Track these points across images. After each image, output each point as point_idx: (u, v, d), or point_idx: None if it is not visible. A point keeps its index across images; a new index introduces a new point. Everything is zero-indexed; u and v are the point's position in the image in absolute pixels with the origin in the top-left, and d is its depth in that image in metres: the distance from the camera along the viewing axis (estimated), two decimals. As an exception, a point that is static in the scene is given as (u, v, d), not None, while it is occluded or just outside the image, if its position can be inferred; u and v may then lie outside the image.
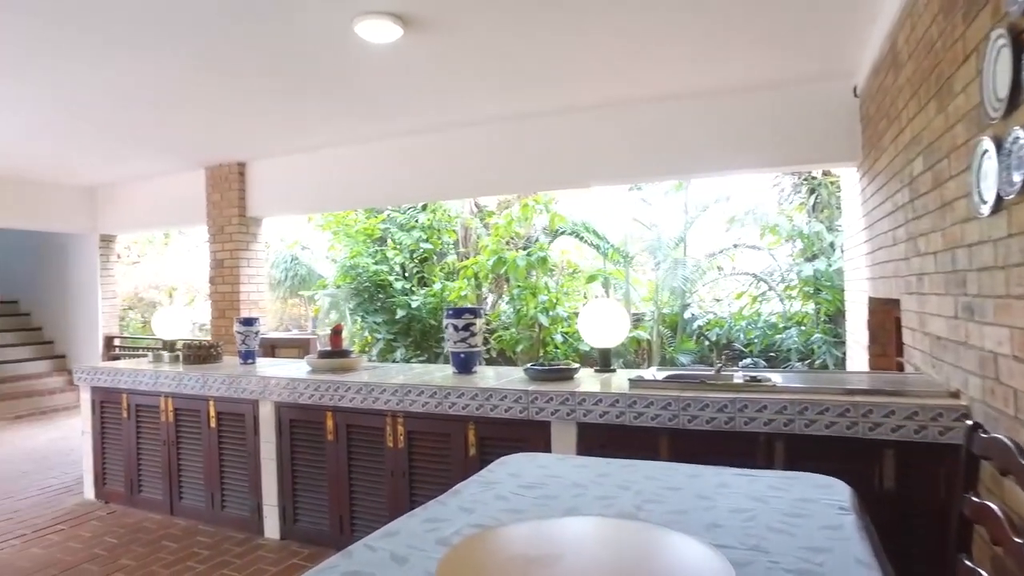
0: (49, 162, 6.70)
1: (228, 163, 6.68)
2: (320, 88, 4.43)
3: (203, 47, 3.70)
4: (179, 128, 5.46)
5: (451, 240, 8.54)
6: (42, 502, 4.72)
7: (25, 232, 8.10)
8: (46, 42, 3.57)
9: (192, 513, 4.18)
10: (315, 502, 3.68)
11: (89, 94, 4.54)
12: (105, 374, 4.51)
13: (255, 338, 4.44)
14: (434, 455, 3.31)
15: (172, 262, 13.20)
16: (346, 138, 5.84)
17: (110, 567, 3.57)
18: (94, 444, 4.65)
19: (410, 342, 7.93)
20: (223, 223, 6.73)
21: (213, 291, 6.88)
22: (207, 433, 4.05)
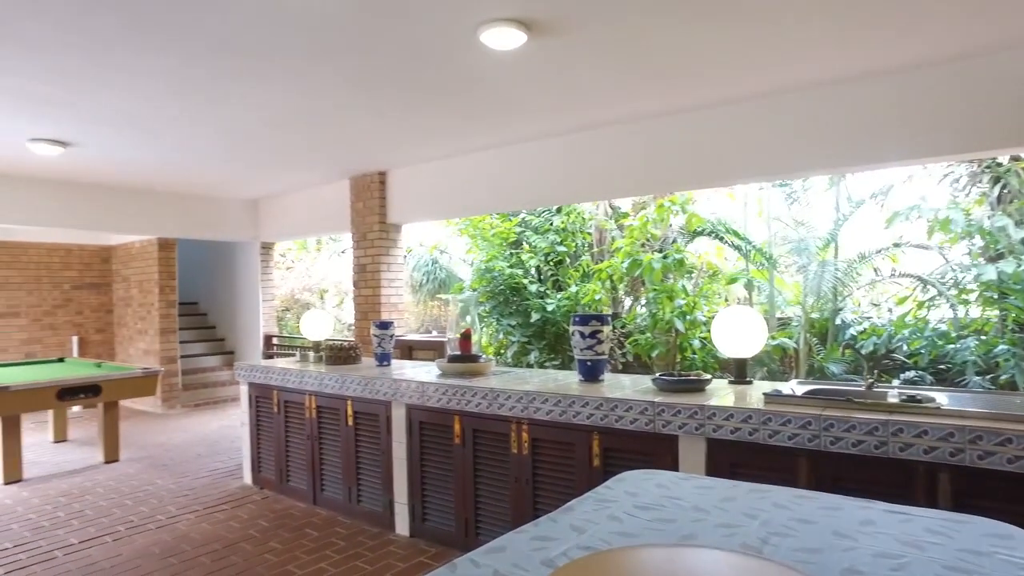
0: (219, 180, 7.44)
1: (370, 173, 7.04)
2: (451, 98, 4.52)
3: (346, 68, 3.91)
4: (326, 143, 5.83)
5: (585, 243, 8.45)
6: (211, 483, 5.21)
7: (202, 241, 9.04)
8: (216, 77, 3.94)
9: (332, 504, 4.43)
10: (442, 503, 3.76)
11: (251, 119, 5.00)
12: (260, 372, 4.90)
13: (390, 341, 4.62)
14: (558, 464, 3.25)
15: (323, 266, 14.20)
16: (478, 145, 5.94)
17: (261, 548, 3.86)
18: (251, 435, 5.06)
19: (544, 345, 7.94)
20: (365, 230, 7.11)
21: (356, 294, 7.27)
22: (345, 430, 4.27)
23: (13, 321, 8.63)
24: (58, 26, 3.33)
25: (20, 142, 5.52)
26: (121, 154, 6.06)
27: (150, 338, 8.68)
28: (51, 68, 3.93)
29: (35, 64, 3.87)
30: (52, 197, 7.18)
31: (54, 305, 9.00)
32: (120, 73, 4.02)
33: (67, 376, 5.81)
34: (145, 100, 4.55)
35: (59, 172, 6.76)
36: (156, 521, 4.37)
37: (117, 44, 3.57)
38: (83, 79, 4.12)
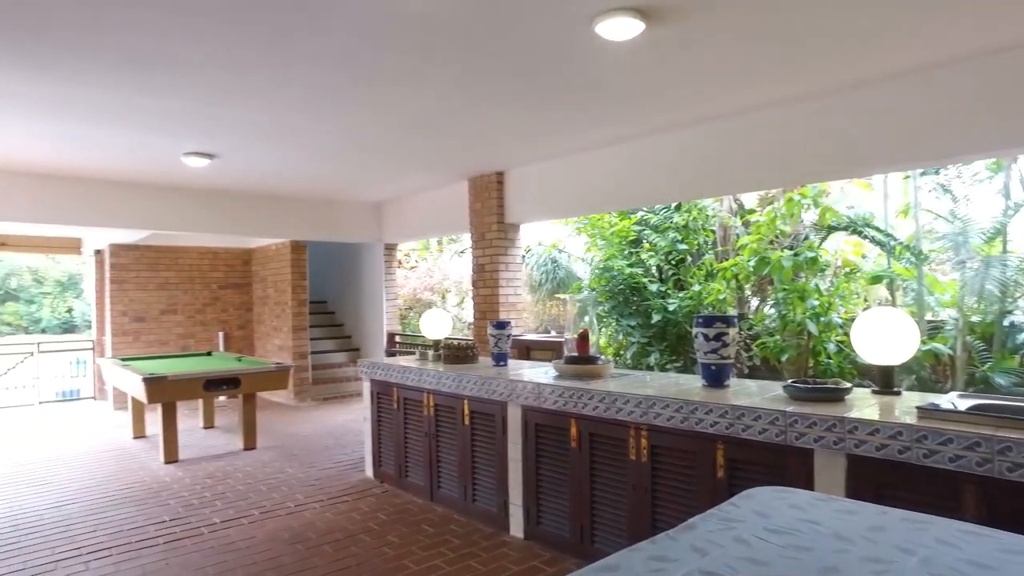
0: (346, 184, 7.80)
1: (487, 173, 7.10)
2: (567, 94, 4.43)
3: (463, 70, 3.93)
4: (446, 145, 5.92)
5: (708, 240, 8.08)
6: (336, 474, 5.44)
7: (330, 243, 9.53)
8: (341, 86, 4.10)
9: (448, 502, 4.47)
10: (557, 507, 3.67)
11: (375, 125, 5.17)
12: (381, 369, 5.04)
13: (507, 341, 4.59)
14: (679, 473, 3.07)
15: (445, 266, 14.56)
16: (596, 141, 5.81)
17: (379, 541, 3.95)
18: (372, 430, 5.23)
19: (665, 347, 7.67)
20: (483, 230, 7.17)
21: (475, 294, 7.36)
22: (462, 429, 4.29)
23: (172, 317, 9.52)
24: (205, 48, 3.57)
25: (176, 156, 6.03)
26: (258, 163, 6.48)
27: (284, 335, 9.27)
28: (199, 87, 4.24)
29: (186, 85, 4.19)
30: (201, 205, 7.82)
31: (204, 303, 9.84)
32: (257, 88, 4.28)
33: (212, 369, 6.30)
34: (279, 112, 4.81)
35: (206, 182, 7.34)
36: (286, 508, 4.60)
37: (254, 61, 3.78)
38: (226, 95, 4.42)
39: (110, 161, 6.28)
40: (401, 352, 9.04)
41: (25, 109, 4.67)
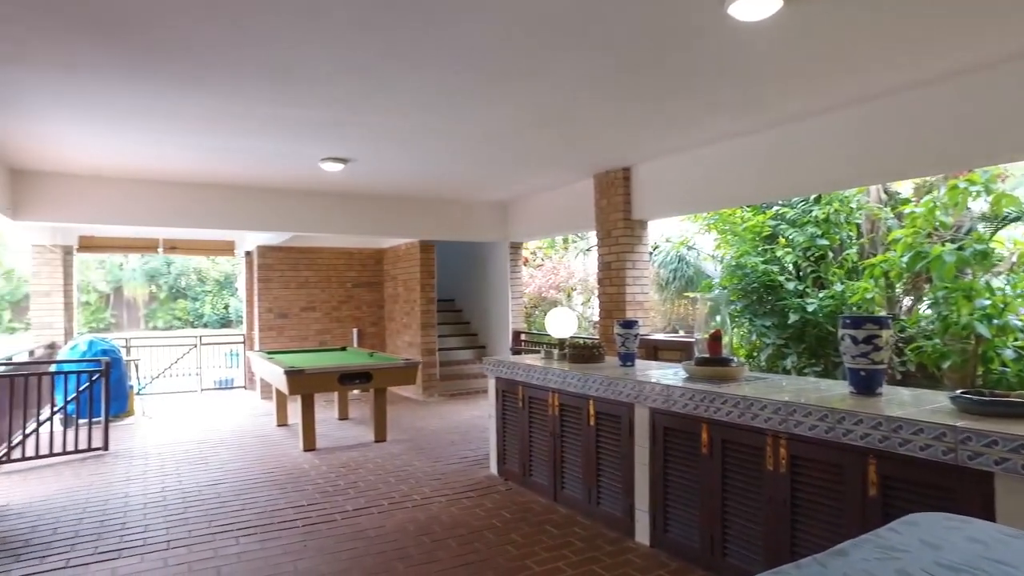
0: (472, 184, 7.93)
1: (614, 169, 6.94)
2: (697, 82, 4.21)
3: (588, 63, 3.84)
4: (571, 141, 5.85)
5: (852, 235, 7.43)
6: (460, 470, 5.53)
7: (458, 242, 9.75)
8: (467, 86, 4.14)
9: (571, 503, 4.39)
10: (686, 515, 3.49)
11: (501, 124, 5.20)
12: (506, 367, 5.05)
13: (634, 340, 4.44)
14: (823, 488, 2.80)
15: (570, 264, 14.49)
16: (726, 132, 5.50)
17: (502, 539, 3.94)
18: (497, 427, 5.25)
19: (803, 349, 7.15)
20: (610, 227, 7.02)
21: (601, 292, 7.22)
22: (586, 430, 4.20)
23: (311, 314, 10.15)
24: (339, 57, 3.72)
25: (314, 162, 6.40)
26: (389, 166, 6.73)
27: (413, 332, 9.59)
28: (335, 95, 4.45)
29: (323, 93, 4.41)
30: (337, 208, 8.27)
31: (339, 301, 10.40)
32: (389, 93, 4.42)
33: (346, 363, 6.62)
34: (410, 115, 4.95)
35: (342, 186, 7.73)
36: (413, 500, 4.72)
37: (385, 66, 3.90)
38: (359, 101, 4.60)
39: (256, 169, 6.77)
40: (526, 350, 9.08)
41: (181, 125, 5.12)
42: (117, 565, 3.65)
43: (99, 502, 4.75)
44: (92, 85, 4.20)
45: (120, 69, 3.93)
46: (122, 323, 29.39)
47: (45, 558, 3.77)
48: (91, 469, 5.67)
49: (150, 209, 7.36)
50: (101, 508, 4.61)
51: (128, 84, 4.19)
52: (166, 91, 4.33)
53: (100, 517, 4.43)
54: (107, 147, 5.87)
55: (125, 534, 4.11)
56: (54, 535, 4.12)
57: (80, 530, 4.19)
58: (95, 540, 4.01)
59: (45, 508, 4.64)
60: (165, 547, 3.89)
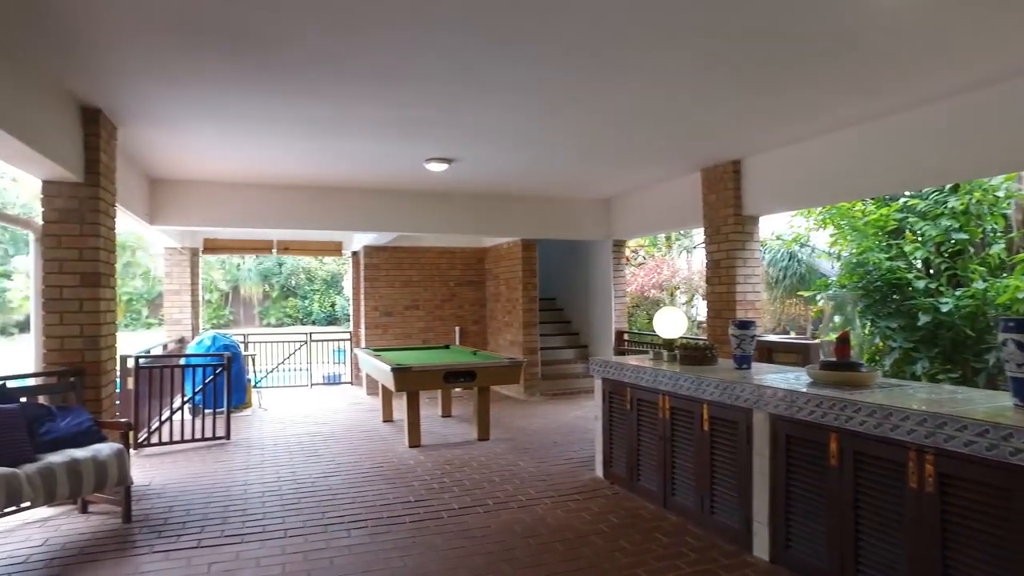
0: (574, 182, 7.83)
1: (723, 162, 6.64)
2: (814, 67, 3.92)
3: (697, 52, 3.67)
4: (678, 134, 5.64)
5: (997, 227, 6.73)
6: (566, 471, 5.44)
7: (559, 241, 9.67)
8: (572, 80, 4.06)
9: (682, 510, 4.21)
10: (811, 531, 3.24)
11: (606, 118, 5.10)
12: (613, 368, 4.92)
13: (751, 342, 4.20)
14: (984, 514, 2.49)
15: (673, 263, 14.09)
16: (847, 119, 5.12)
17: (611, 545, 3.82)
18: (603, 430, 5.13)
19: (936, 354, 6.55)
20: (718, 223, 6.73)
21: (709, 291, 6.94)
22: (699, 435, 4.01)
23: (415, 312, 10.39)
24: (445, 58, 3.75)
25: (419, 163, 6.51)
26: (492, 165, 6.74)
27: (515, 330, 9.60)
28: (440, 96, 4.50)
29: (428, 95, 4.47)
30: (440, 208, 8.41)
31: (442, 300, 10.58)
32: (490, 91, 4.42)
33: (451, 362, 6.69)
34: (513, 113, 4.93)
35: (445, 186, 7.84)
36: (518, 501, 4.68)
37: (490, 66, 3.90)
38: (464, 101, 4.63)
39: (364, 171, 6.97)
40: (629, 351, 8.88)
41: (296, 131, 5.33)
42: (240, 549, 3.82)
43: (223, 488, 5.02)
44: (219, 96, 4.45)
45: (244, 80, 4.13)
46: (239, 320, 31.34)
47: (180, 537, 4.01)
48: (215, 456, 6.02)
49: (266, 212, 7.75)
50: (225, 494, 4.87)
51: (250, 94, 4.40)
52: (283, 99, 4.52)
53: (224, 502, 4.67)
54: (229, 156, 6.22)
55: (247, 519, 4.31)
56: (187, 516, 4.38)
57: (208, 513, 4.43)
58: (221, 523, 4.23)
59: (179, 490, 4.96)
60: (282, 535, 4.04)
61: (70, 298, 4.70)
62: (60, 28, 3.40)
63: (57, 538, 4.04)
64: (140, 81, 4.20)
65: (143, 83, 4.24)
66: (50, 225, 4.68)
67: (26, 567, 3.63)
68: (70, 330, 4.71)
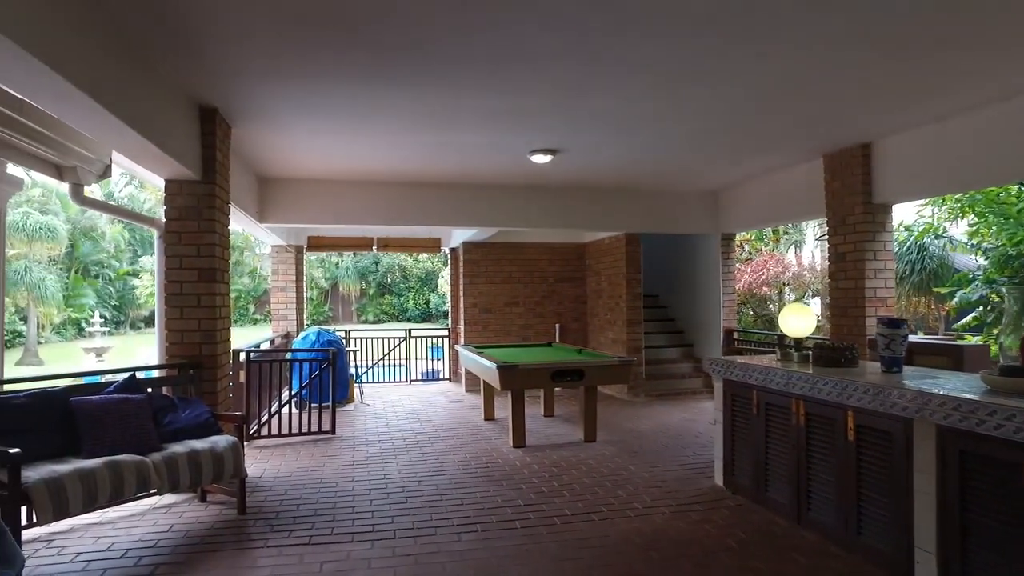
0: (683, 173, 7.43)
1: (849, 146, 6.07)
2: (967, 21, 3.41)
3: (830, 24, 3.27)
4: (797, 117, 5.20)
5: None
6: (681, 478, 5.10)
7: (662, 235, 9.26)
8: (686, 64, 3.75)
9: (821, 528, 3.79)
10: (1000, 567, 2.77)
11: (718, 104, 4.78)
12: (737, 369, 4.54)
13: (902, 343, 3.73)
14: None
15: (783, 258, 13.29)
16: (1004, 90, 4.50)
17: (741, 564, 3.48)
18: (724, 434, 4.76)
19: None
20: (844, 213, 6.16)
21: (833, 287, 6.38)
22: (843, 446, 3.58)
23: (514, 309, 10.25)
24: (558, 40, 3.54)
25: (522, 155, 6.33)
26: (597, 156, 6.47)
27: (617, 328, 9.27)
28: (550, 82, 4.31)
29: (538, 81, 4.28)
30: (542, 202, 8.21)
31: (542, 296, 10.38)
32: (602, 75, 4.19)
33: (558, 360, 6.47)
34: (622, 99, 4.68)
35: (547, 179, 7.63)
36: (633, 509, 4.40)
37: (602, 47, 3.67)
38: (573, 87, 4.41)
39: (466, 165, 6.86)
40: (742, 351, 8.38)
41: (400, 125, 5.28)
42: (351, 549, 3.75)
43: (331, 483, 5.01)
44: (329, 91, 4.44)
45: (355, 71, 4.10)
46: (338, 316, 32.50)
47: (292, 532, 3.99)
48: (322, 451, 6.07)
49: (368, 209, 7.81)
50: (333, 490, 4.85)
51: (361, 86, 4.37)
52: (394, 90, 4.45)
53: (333, 498, 4.65)
54: (335, 153, 6.27)
55: (356, 518, 4.26)
56: (297, 511, 4.38)
57: (318, 509, 4.41)
58: (330, 520, 4.19)
59: (289, 483, 4.99)
60: (392, 536, 3.94)
61: (189, 293, 4.82)
62: (183, 29, 3.44)
63: (180, 525, 4.13)
64: (254, 79, 4.24)
65: (257, 81, 4.27)
66: (171, 222, 4.82)
67: (156, 551, 3.73)
68: (189, 324, 4.83)
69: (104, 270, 26.66)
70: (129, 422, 3.97)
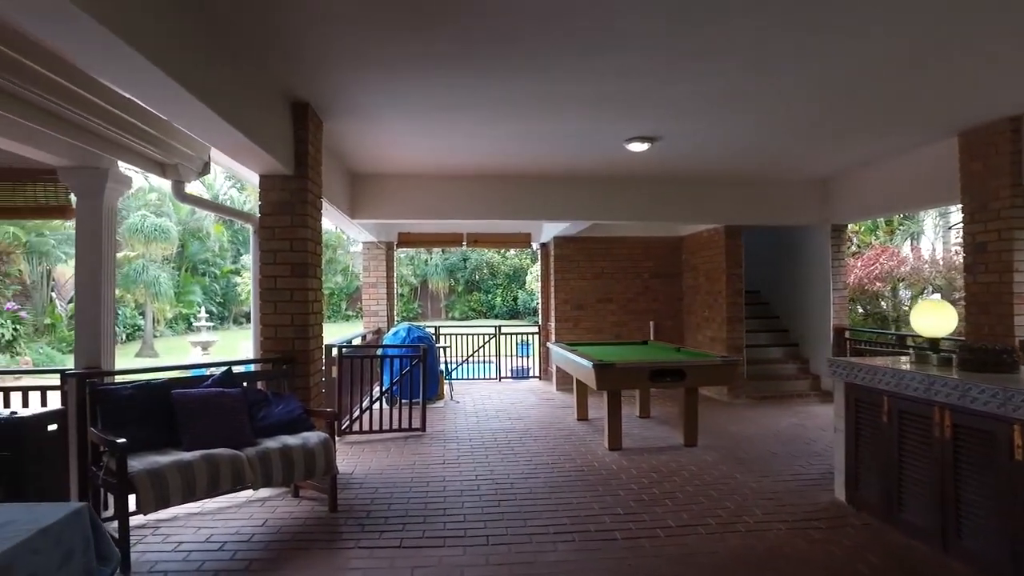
0: (789, 159, 6.86)
1: (995, 120, 5.37)
2: None
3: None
4: (927, 90, 4.63)
5: None
6: (794, 490, 4.66)
7: (763, 228, 8.68)
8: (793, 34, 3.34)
9: (975, 560, 3.29)
10: None
11: (833, 78, 4.32)
12: (862, 371, 4.07)
13: (1075, 344, 3.18)
14: None
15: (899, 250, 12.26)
16: None
17: (880, 597, 3.06)
18: (847, 444, 4.29)
19: None
20: (986, 198, 5.47)
21: (970, 281, 5.69)
22: (1006, 467, 3.07)
23: (607, 306, 9.90)
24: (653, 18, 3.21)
25: (618, 144, 6.01)
26: (697, 142, 6.05)
27: (716, 326, 8.76)
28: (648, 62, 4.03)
29: (635, 62, 3.98)
30: (637, 194, 7.84)
31: (636, 293, 9.98)
32: (702, 58, 3.91)
33: (656, 359, 6.11)
34: (725, 78, 4.32)
35: (642, 170, 7.25)
36: (744, 522, 4.02)
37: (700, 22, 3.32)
38: (673, 66, 4.12)
39: (558, 156, 6.61)
40: (862, 351, 7.71)
41: (488, 114, 5.08)
42: (443, 554, 3.59)
43: (422, 483, 4.89)
44: (421, 81, 4.32)
45: (449, 60, 3.97)
46: (427, 313, 33.02)
47: (383, 533, 3.88)
48: (412, 448, 5.98)
49: (457, 203, 7.70)
50: (423, 490, 4.73)
51: (454, 74, 4.25)
52: (488, 78, 4.28)
53: (424, 499, 4.52)
54: (424, 146, 6.18)
55: (447, 521, 4.10)
56: (388, 511, 4.27)
57: (409, 510, 4.29)
58: (421, 523, 4.05)
59: (380, 481, 4.91)
60: (485, 542, 3.75)
61: (282, 288, 4.81)
62: (276, 23, 3.40)
63: (274, 520, 4.11)
64: (347, 72, 4.19)
65: (350, 74, 4.20)
66: (265, 217, 4.83)
67: (250, 546, 3.72)
68: (282, 319, 4.82)
69: (210, 268, 28.20)
70: (225, 416, 3.97)
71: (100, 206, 4.14)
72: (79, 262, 4.13)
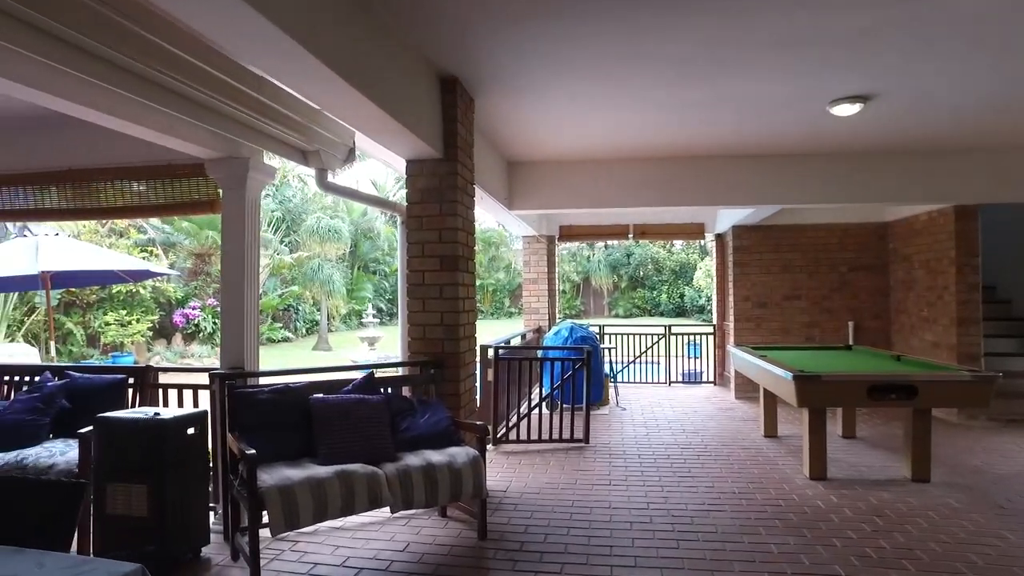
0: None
1: None
2: None
3: None
4: None
5: None
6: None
7: (1002, 207, 6.99)
8: None
9: None
10: None
11: None
12: None
13: None
14: None
15: None
16: None
17: None
18: None
19: None
20: None
21: None
22: None
23: (795, 303, 8.60)
24: None
25: (820, 108, 4.95)
26: (924, 98, 4.79)
27: (941, 328, 7.20)
28: None
29: None
30: (837, 172, 6.60)
31: (831, 288, 8.57)
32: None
33: (873, 370, 4.95)
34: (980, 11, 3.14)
35: (846, 142, 6.04)
36: (1028, 605, 2.90)
37: None
38: None
39: (742, 128, 5.65)
40: None
41: (660, 74, 4.25)
42: (610, 610, 2.89)
43: (584, 508, 4.24)
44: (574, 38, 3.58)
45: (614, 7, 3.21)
46: (589, 310, 32.34)
47: (538, 573, 3.28)
48: (573, 463, 5.34)
49: (623, 191, 6.95)
50: (586, 517, 4.07)
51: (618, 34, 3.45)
52: (654, 22, 3.46)
53: (587, 529, 3.86)
54: (584, 124, 5.54)
55: (615, 562, 3.41)
56: (544, 542, 3.68)
57: (568, 544, 3.65)
58: (584, 564, 3.40)
59: (536, 503, 4.33)
60: (663, 596, 3.01)
61: (431, 283, 4.37)
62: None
63: (416, 544, 3.67)
64: (498, 41, 3.69)
65: (503, 34, 3.61)
66: (412, 206, 4.42)
67: None
68: (431, 318, 4.38)
69: (380, 266, 29.60)
70: (364, 427, 3.57)
71: (243, 197, 3.93)
72: (224, 257, 3.96)
